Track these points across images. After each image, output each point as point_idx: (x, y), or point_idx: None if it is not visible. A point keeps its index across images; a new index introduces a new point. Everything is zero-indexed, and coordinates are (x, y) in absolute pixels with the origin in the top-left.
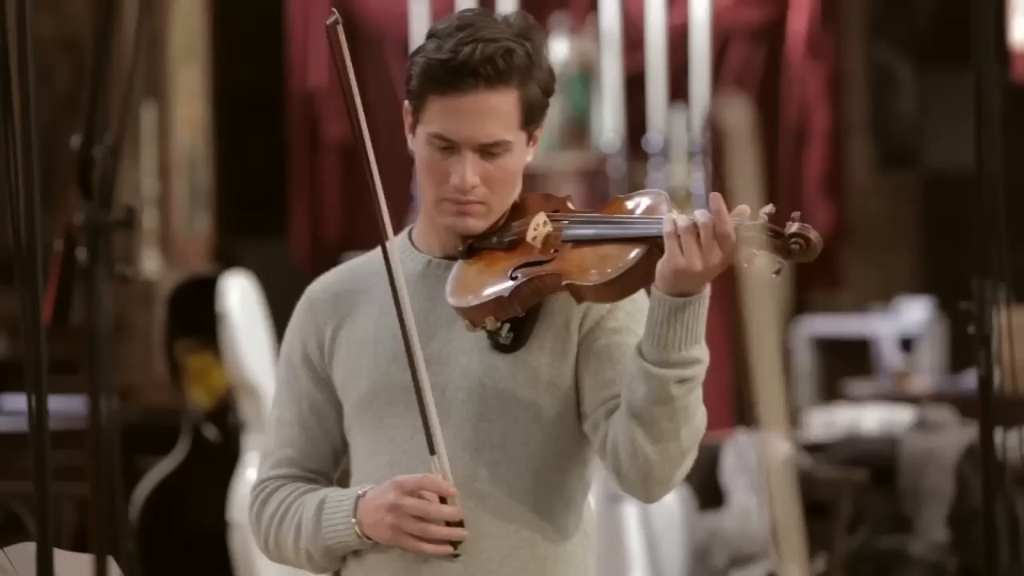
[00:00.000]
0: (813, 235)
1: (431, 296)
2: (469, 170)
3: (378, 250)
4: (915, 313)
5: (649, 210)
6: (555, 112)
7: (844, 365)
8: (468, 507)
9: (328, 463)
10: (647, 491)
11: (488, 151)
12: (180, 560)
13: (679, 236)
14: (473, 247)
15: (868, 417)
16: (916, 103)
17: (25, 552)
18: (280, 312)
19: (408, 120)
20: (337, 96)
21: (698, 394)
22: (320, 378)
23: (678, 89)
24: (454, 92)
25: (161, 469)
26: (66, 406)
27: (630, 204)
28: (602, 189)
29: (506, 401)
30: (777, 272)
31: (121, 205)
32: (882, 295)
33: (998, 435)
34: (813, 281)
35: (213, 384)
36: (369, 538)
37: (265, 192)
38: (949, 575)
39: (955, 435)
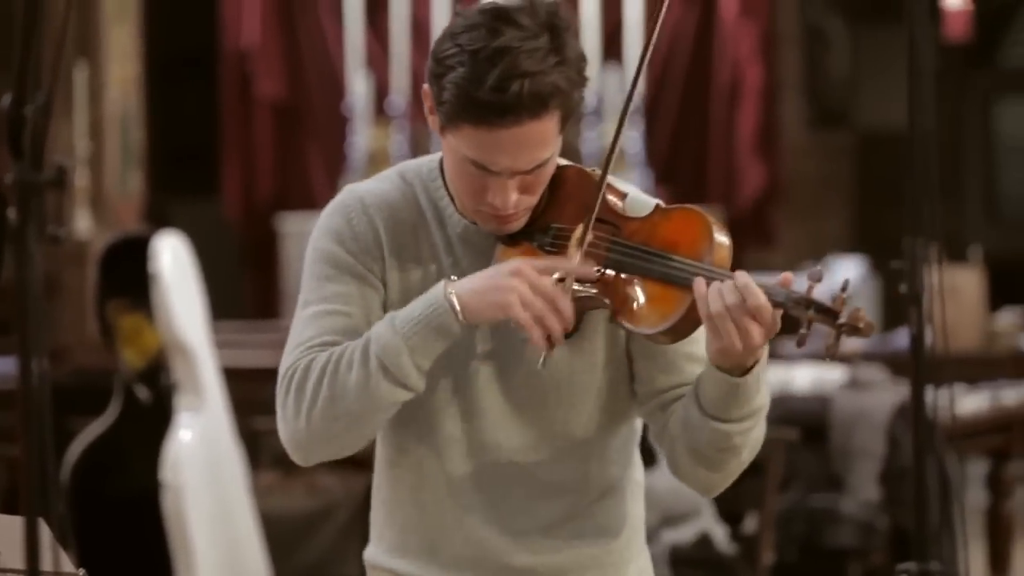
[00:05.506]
0: (864, 324)
1: (476, 268)
2: (511, 194)
3: (411, 175)
4: (847, 271)
5: (690, 247)
6: None
7: None
8: (528, 484)
9: None
10: (707, 496)
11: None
12: (112, 521)
13: (712, 319)
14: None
15: (799, 376)
16: (849, 62)
17: None
18: (212, 272)
19: (430, 110)
20: (269, 54)
21: (761, 425)
22: (375, 277)
23: (612, 48)
24: (494, 127)
25: (93, 430)
26: None
27: (672, 228)
28: None
29: (567, 388)
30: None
31: (52, 164)
32: (814, 254)
33: (929, 394)
34: (745, 240)
35: (145, 345)
36: (465, 317)
37: (197, 152)
38: (880, 534)
39: (886, 394)
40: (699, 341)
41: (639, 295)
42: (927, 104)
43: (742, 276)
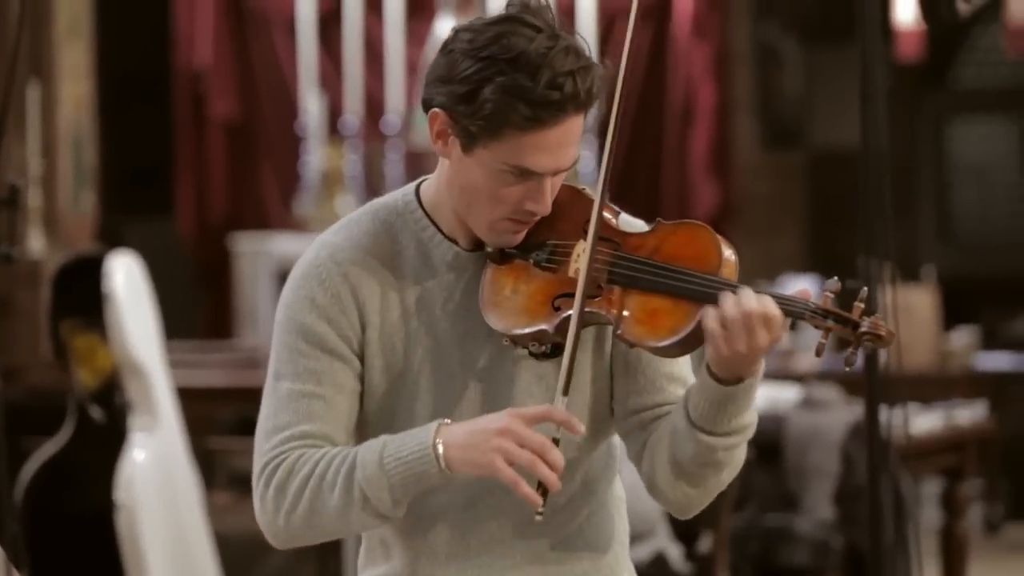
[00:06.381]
0: (885, 332)
1: (467, 292)
2: (550, 195)
3: (385, 211)
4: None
5: (698, 261)
6: None
7: None
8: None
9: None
10: (682, 515)
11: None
12: (66, 541)
13: (729, 328)
14: (505, 252)
15: None
16: (802, 81)
17: None
18: (166, 291)
19: (440, 135)
20: (222, 74)
21: (745, 445)
22: (349, 347)
23: None
24: (544, 127)
25: (46, 450)
26: None
27: (679, 242)
28: None
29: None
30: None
31: (5, 184)
32: (767, 273)
33: (883, 413)
34: None
35: (99, 364)
36: (449, 469)
37: (151, 171)
38: (835, 553)
39: (841, 413)
40: (681, 361)
41: (646, 309)
42: (880, 124)
43: (756, 290)
